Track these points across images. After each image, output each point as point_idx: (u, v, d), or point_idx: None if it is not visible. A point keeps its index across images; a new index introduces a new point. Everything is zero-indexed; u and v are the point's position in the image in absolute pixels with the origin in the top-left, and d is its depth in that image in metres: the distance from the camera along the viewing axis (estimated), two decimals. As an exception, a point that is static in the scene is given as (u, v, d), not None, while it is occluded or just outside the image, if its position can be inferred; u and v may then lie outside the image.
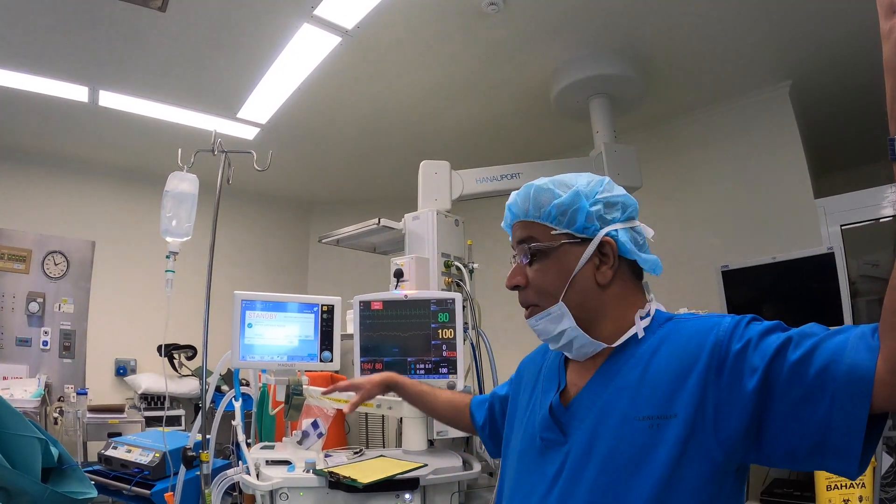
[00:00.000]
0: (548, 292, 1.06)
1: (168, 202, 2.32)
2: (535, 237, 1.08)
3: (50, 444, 1.85)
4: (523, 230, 1.11)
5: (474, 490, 2.68)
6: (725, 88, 4.04)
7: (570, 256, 1.05)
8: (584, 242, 1.05)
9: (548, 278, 1.07)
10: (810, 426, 0.82)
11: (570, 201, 1.06)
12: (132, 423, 4.34)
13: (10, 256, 4.77)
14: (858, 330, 0.84)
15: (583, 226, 1.05)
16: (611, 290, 1.06)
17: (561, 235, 1.06)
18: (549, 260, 1.07)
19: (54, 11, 3.12)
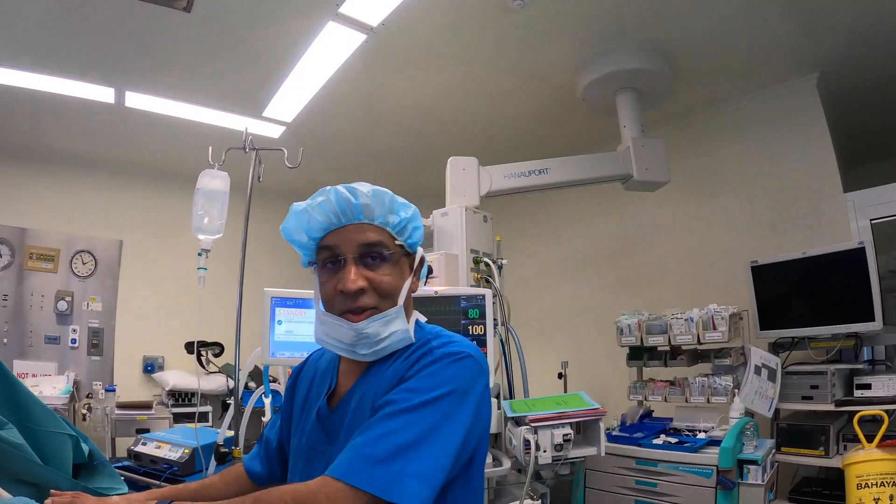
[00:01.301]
0: (390, 296, 1.12)
1: (199, 200, 2.33)
2: (385, 243, 1.13)
3: (80, 440, 1.86)
4: (376, 234, 1.13)
5: (504, 487, 2.67)
6: (752, 80, 3.98)
7: (404, 266, 1.17)
8: (408, 256, 1.18)
9: (393, 282, 1.13)
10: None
11: (413, 218, 1.17)
12: (160, 420, 4.39)
13: (38, 256, 4.84)
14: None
15: (413, 241, 1.19)
16: (412, 300, 1.21)
17: (399, 246, 1.15)
18: (393, 266, 1.14)
19: (79, 14, 3.15)
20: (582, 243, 5.15)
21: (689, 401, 3.34)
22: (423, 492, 0.94)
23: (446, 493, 1.04)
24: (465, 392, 1.04)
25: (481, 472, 1.15)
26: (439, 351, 1.08)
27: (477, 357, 1.10)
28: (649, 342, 3.47)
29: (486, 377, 1.10)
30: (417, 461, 0.96)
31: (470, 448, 1.06)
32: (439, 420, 1.00)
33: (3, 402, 1.68)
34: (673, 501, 2.94)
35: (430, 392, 1.01)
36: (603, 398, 2.62)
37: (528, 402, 2.61)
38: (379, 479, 0.93)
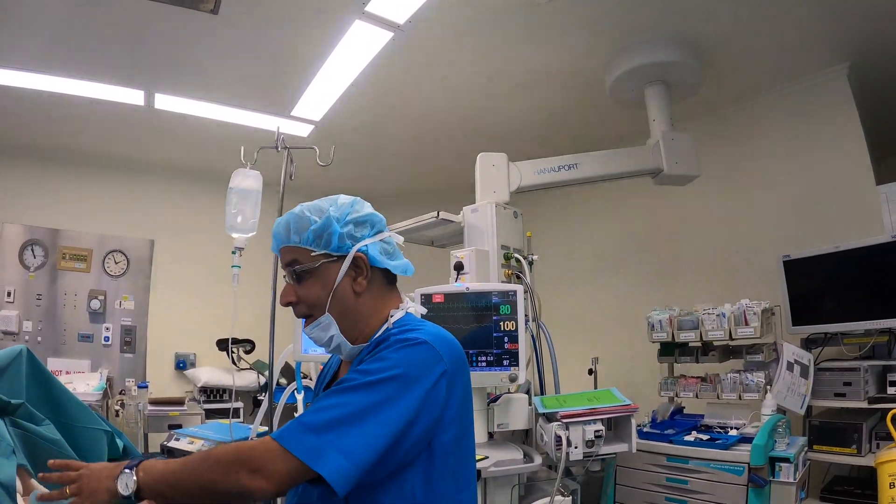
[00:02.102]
0: (316, 305, 1.22)
1: (233, 198, 2.35)
2: (299, 260, 1.22)
3: (115, 435, 1.90)
4: (288, 254, 1.24)
5: (534, 483, 2.67)
6: (782, 71, 3.91)
7: (330, 273, 1.21)
8: (340, 259, 1.22)
9: (313, 293, 1.21)
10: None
11: (324, 226, 1.21)
12: (192, 416, 4.45)
13: (71, 256, 4.94)
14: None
15: (337, 245, 1.21)
16: (367, 297, 1.24)
17: (320, 256, 1.21)
18: (314, 277, 1.21)
19: (108, 19, 3.21)
20: (612, 238, 5.12)
21: (721, 397, 3.30)
22: (343, 466, 0.99)
23: (403, 481, 1.08)
24: (414, 378, 1.07)
25: (449, 466, 1.13)
26: (395, 337, 1.14)
27: (435, 345, 1.11)
28: (681, 338, 3.44)
29: (446, 367, 1.10)
30: (347, 437, 1.01)
31: (417, 435, 1.07)
32: (379, 402, 1.04)
33: (40, 399, 1.72)
34: (704, 499, 2.91)
35: (377, 374, 1.06)
36: (633, 394, 2.60)
37: (560, 399, 2.61)
38: (307, 445, 1.00)
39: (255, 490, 1.00)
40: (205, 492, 1.04)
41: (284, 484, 1.01)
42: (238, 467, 1.01)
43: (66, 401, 1.81)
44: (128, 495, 1.07)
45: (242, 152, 2.46)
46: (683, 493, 3.00)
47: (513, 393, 2.72)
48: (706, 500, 2.91)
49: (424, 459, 1.09)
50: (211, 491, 1.03)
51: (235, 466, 1.01)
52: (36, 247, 4.89)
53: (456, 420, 1.12)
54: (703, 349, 3.53)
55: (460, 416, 1.14)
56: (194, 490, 1.05)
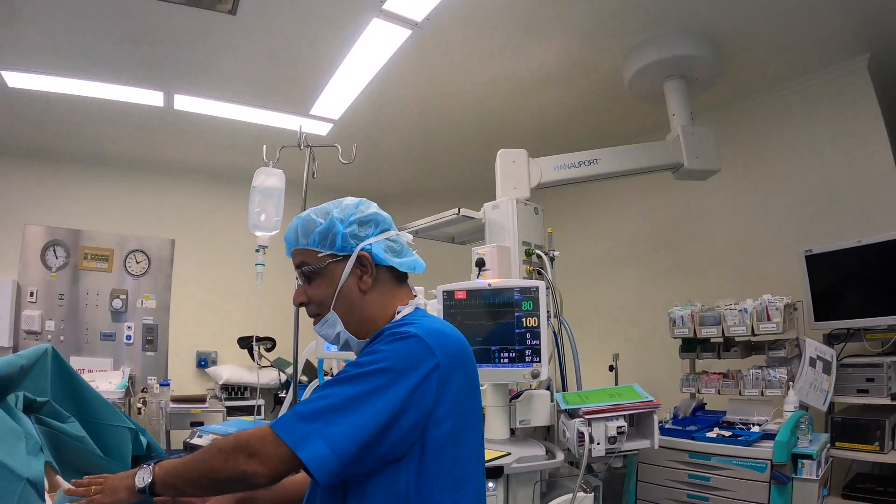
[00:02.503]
0: (323, 304, 1.27)
1: (256, 197, 2.37)
2: (307, 261, 1.28)
3: (139, 433, 1.92)
4: (297, 257, 1.30)
5: (556, 479, 2.67)
6: (802, 64, 3.86)
7: (335, 272, 1.26)
8: (345, 259, 1.26)
9: (320, 292, 1.27)
10: None
11: (328, 227, 1.26)
12: (214, 413, 4.49)
13: (93, 256, 5.00)
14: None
15: (341, 245, 1.26)
16: (374, 294, 1.28)
17: (326, 256, 1.26)
18: (321, 278, 1.27)
19: (126, 21, 3.24)
20: (632, 234, 5.09)
21: (743, 393, 3.27)
22: (324, 454, 1.02)
23: (395, 475, 1.09)
24: (402, 371, 1.08)
25: (445, 462, 1.13)
26: (388, 331, 1.16)
27: (427, 339, 1.12)
28: (702, 334, 3.42)
29: (438, 360, 1.11)
30: (333, 426, 1.04)
31: (405, 429, 1.07)
32: (365, 392, 1.06)
33: (65, 396, 1.73)
34: (726, 496, 2.90)
35: (367, 366, 1.09)
36: (654, 391, 2.59)
37: (582, 395, 2.60)
38: (295, 432, 1.04)
39: (252, 474, 1.05)
40: (208, 480, 1.10)
41: (278, 469, 1.05)
42: (237, 453, 1.06)
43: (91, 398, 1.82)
44: (142, 487, 1.14)
45: (265, 151, 2.47)
46: (705, 489, 2.99)
47: (534, 389, 2.72)
48: (728, 497, 2.89)
49: (417, 454, 1.10)
50: (214, 478, 1.10)
51: (235, 453, 1.06)
52: (58, 247, 4.95)
53: (451, 415, 1.12)
54: (725, 345, 3.50)
55: (458, 412, 1.14)
56: (198, 478, 1.12)
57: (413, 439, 1.09)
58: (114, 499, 1.17)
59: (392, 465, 1.09)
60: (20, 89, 3.97)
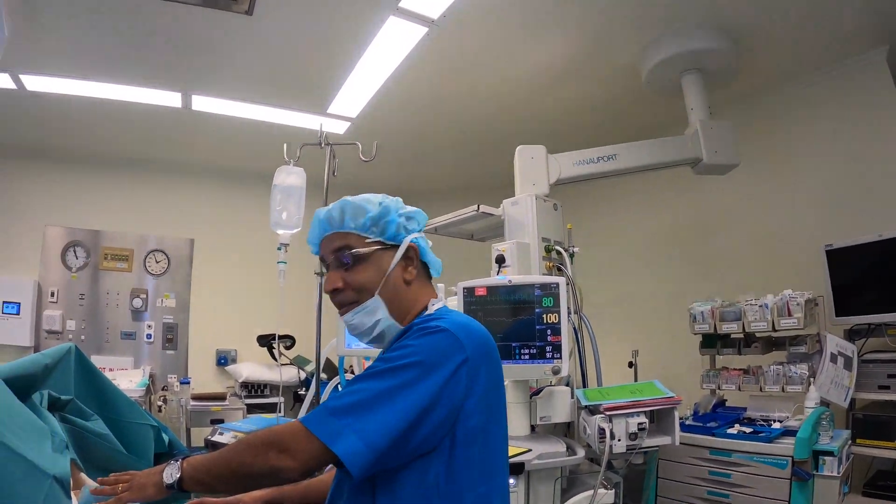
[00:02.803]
0: (366, 289, 1.24)
1: (277, 195, 2.38)
2: (352, 245, 1.24)
3: (161, 430, 1.94)
4: (339, 240, 1.26)
5: (577, 476, 2.66)
6: (820, 56, 3.81)
7: (383, 259, 1.25)
8: (392, 248, 1.26)
9: (364, 277, 1.24)
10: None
11: (382, 214, 1.25)
12: (234, 410, 4.53)
13: (113, 256, 5.07)
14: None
15: (392, 234, 1.26)
16: (413, 287, 1.28)
17: (374, 243, 1.25)
18: (366, 263, 1.24)
19: (144, 23, 3.27)
20: (651, 229, 5.06)
21: (764, 389, 3.25)
22: (358, 448, 1.02)
23: (426, 469, 1.09)
24: (433, 365, 1.08)
25: (474, 455, 1.13)
26: (417, 326, 1.16)
27: (456, 333, 1.12)
28: (723, 329, 3.40)
29: (467, 354, 1.11)
30: (364, 420, 1.04)
31: (436, 422, 1.08)
32: (397, 387, 1.06)
33: (89, 395, 1.76)
34: (746, 493, 2.89)
35: (396, 361, 1.09)
36: (674, 387, 2.57)
37: (602, 391, 2.60)
38: (328, 427, 1.04)
39: (283, 468, 1.05)
40: (237, 475, 1.10)
41: (309, 463, 1.06)
42: (267, 448, 1.06)
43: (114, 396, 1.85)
44: (171, 483, 1.13)
45: (285, 149, 2.49)
46: (726, 486, 2.98)
47: (554, 386, 2.72)
48: (749, 494, 2.88)
49: (447, 447, 1.10)
50: (243, 474, 1.09)
51: (265, 448, 1.06)
52: (78, 248, 5.02)
53: (480, 408, 1.13)
54: (746, 341, 3.48)
55: (486, 405, 1.15)
56: (228, 474, 1.11)
57: (443, 432, 1.09)
58: (142, 495, 1.16)
59: (423, 459, 1.09)
60: (39, 92, 4.03)
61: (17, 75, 3.79)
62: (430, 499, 1.09)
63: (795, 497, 2.71)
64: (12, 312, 4.77)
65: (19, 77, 3.81)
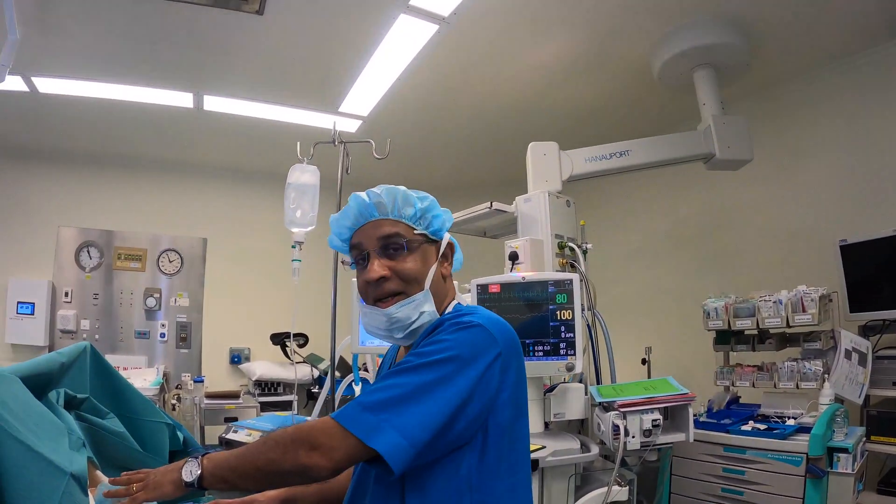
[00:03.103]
0: (415, 280, 1.22)
1: (291, 193, 2.39)
2: (403, 234, 1.23)
3: (176, 428, 1.95)
4: (391, 226, 1.23)
5: (590, 472, 2.66)
6: (835, 49, 3.77)
7: (428, 252, 1.26)
8: (433, 243, 1.27)
9: (414, 268, 1.22)
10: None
11: (430, 207, 1.26)
12: (247, 409, 4.55)
13: (126, 256, 5.10)
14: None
15: (436, 229, 1.27)
16: (448, 283, 1.31)
17: (420, 235, 1.25)
18: (415, 253, 1.23)
19: (154, 24, 3.29)
20: (665, 225, 5.04)
21: (778, 386, 3.23)
22: (399, 443, 1.01)
23: (458, 462, 1.09)
24: (469, 359, 1.08)
25: (504, 448, 1.14)
26: (449, 321, 1.15)
27: (490, 328, 1.13)
28: (737, 326, 3.38)
29: (500, 349, 1.12)
30: (403, 415, 1.03)
31: (472, 416, 1.08)
32: (434, 381, 1.06)
33: (104, 393, 1.77)
34: (760, 490, 2.87)
35: (432, 356, 1.08)
36: (687, 384, 2.56)
37: (616, 388, 2.59)
38: (364, 424, 1.02)
39: (314, 467, 1.02)
40: (264, 473, 1.07)
41: (342, 462, 1.04)
42: (297, 446, 1.03)
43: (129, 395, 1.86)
44: (191, 481, 1.10)
45: (298, 148, 2.49)
46: (740, 483, 2.96)
47: (568, 383, 2.72)
48: (763, 491, 2.86)
49: (479, 441, 1.11)
50: (270, 472, 1.06)
51: (295, 445, 1.04)
52: (91, 248, 5.06)
53: (510, 402, 1.14)
54: (760, 337, 3.46)
55: (515, 399, 1.15)
56: (254, 472, 1.07)
57: (477, 426, 1.10)
58: (158, 494, 1.12)
59: (456, 453, 1.10)
60: (51, 95, 4.06)
61: (30, 78, 3.81)
62: (462, 493, 1.09)
63: (810, 494, 2.69)
64: (27, 312, 4.82)
65: (31, 80, 3.84)
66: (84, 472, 1.20)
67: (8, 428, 1.10)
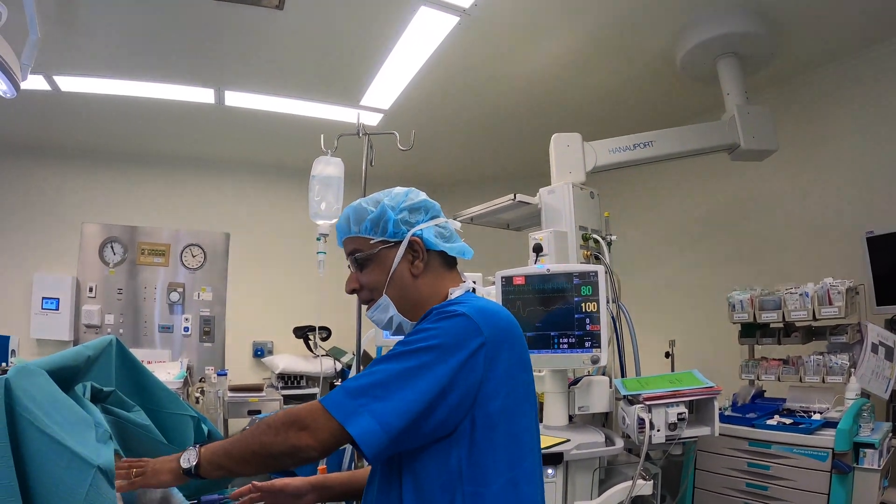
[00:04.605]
0: (375, 289, 1.30)
1: (315, 186, 2.40)
2: (359, 248, 1.31)
3: (201, 421, 1.96)
4: (350, 244, 1.33)
5: (614, 466, 2.65)
6: (860, 36, 3.68)
7: (388, 258, 1.29)
8: (397, 245, 1.29)
9: (373, 278, 1.30)
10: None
11: (379, 214, 1.29)
12: (271, 402, 4.59)
13: (150, 251, 5.16)
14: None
15: (392, 232, 1.28)
16: (425, 279, 1.30)
17: (378, 243, 1.29)
18: (373, 263, 1.29)
19: (174, 21, 3.31)
20: (689, 217, 4.98)
21: (804, 380, 3.19)
22: (372, 428, 1.04)
23: (447, 452, 1.11)
24: (449, 348, 1.09)
25: (498, 440, 1.13)
26: (435, 310, 1.18)
27: (474, 317, 1.12)
28: (762, 318, 3.34)
29: (484, 338, 1.11)
30: (379, 401, 1.06)
31: (452, 405, 1.08)
32: (413, 368, 1.08)
33: (130, 386, 1.78)
34: (785, 485, 2.84)
35: (413, 344, 1.11)
36: (712, 377, 2.54)
37: (641, 381, 2.58)
38: (344, 408, 1.06)
39: (304, 448, 1.07)
40: (258, 456, 1.11)
41: (328, 443, 1.07)
42: (288, 427, 1.08)
43: (154, 388, 1.87)
44: (188, 468, 1.15)
45: (322, 140, 2.50)
46: (765, 478, 2.94)
47: (592, 375, 2.71)
48: (788, 487, 2.84)
49: (467, 431, 1.11)
50: (264, 454, 1.11)
51: (285, 427, 1.08)
52: (115, 244, 5.12)
53: (500, 392, 1.13)
54: (786, 330, 3.41)
55: (508, 389, 1.14)
56: (249, 456, 1.13)
57: (460, 416, 1.10)
58: (156, 481, 1.19)
59: (443, 442, 1.11)
60: (73, 93, 4.11)
61: (52, 77, 3.86)
62: (454, 484, 1.10)
63: (836, 490, 2.66)
64: (52, 308, 4.89)
65: (53, 78, 3.88)
66: (111, 465, 1.20)
67: (35, 421, 1.11)
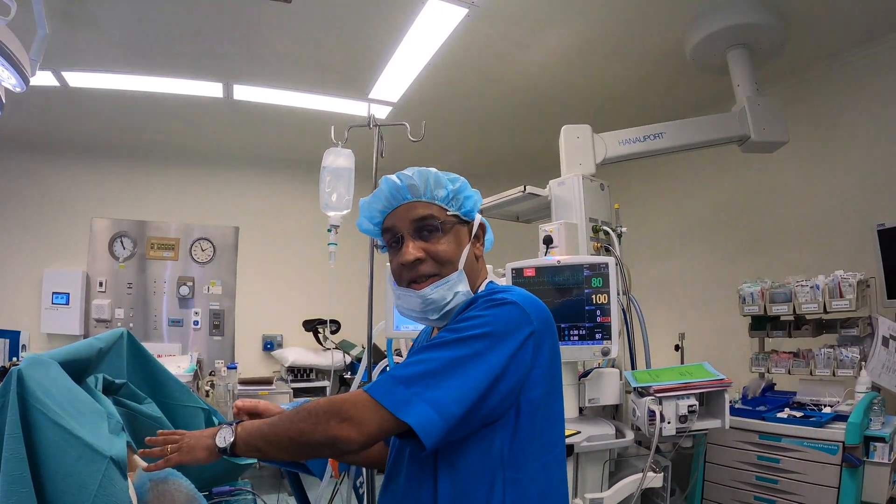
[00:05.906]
0: (449, 262, 1.22)
1: (326, 177, 2.39)
2: (436, 215, 1.23)
3: (212, 413, 1.98)
4: (425, 208, 1.24)
5: (625, 458, 2.65)
6: (871, 28, 3.65)
7: (461, 234, 1.26)
8: (465, 224, 1.27)
9: (449, 249, 1.22)
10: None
11: (461, 188, 1.26)
12: (280, 394, 4.62)
13: (159, 246, 5.19)
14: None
15: (468, 210, 1.27)
16: (480, 263, 1.31)
17: (452, 216, 1.24)
18: (449, 235, 1.23)
19: (182, 15, 3.32)
20: (699, 209, 4.96)
21: (814, 373, 3.17)
22: (431, 417, 1.00)
23: (491, 439, 1.09)
24: (502, 336, 1.08)
25: (536, 425, 1.13)
26: (483, 298, 1.16)
27: (524, 305, 1.12)
28: (773, 311, 3.32)
29: (534, 326, 1.11)
30: (435, 389, 1.02)
31: (504, 392, 1.07)
32: (467, 356, 1.05)
33: (142, 379, 1.80)
34: (795, 478, 2.83)
35: (465, 332, 1.08)
36: (722, 370, 2.53)
37: (652, 373, 2.57)
38: (395, 397, 1.02)
39: (345, 439, 1.02)
40: (295, 443, 1.07)
41: (373, 434, 1.03)
42: (329, 417, 1.04)
43: (166, 380, 1.89)
44: (224, 447, 1.12)
45: (332, 132, 2.49)
46: (775, 471, 2.93)
47: (602, 367, 2.70)
48: (798, 480, 2.83)
49: (512, 418, 1.10)
50: (302, 442, 1.06)
51: (326, 416, 1.04)
52: (125, 239, 5.15)
53: (544, 379, 1.13)
54: (796, 323, 3.40)
55: (548, 376, 1.15)
56: (286, 442, 1.08)
57: (510, 403, 1.10)
58: (191, 458, 1.14)
59: (488, 429, 1.10)
60: (82, 88, 4.13)
61: (60, 72, 3.88)
62: (495, 470, 1.09)
63: (846, 483, 2.65)
64: (62, 302, 4.93)
65: (62, 74, 3.91)
66: (123, 456, 1.20)
67: (47, 412, 1.11)
